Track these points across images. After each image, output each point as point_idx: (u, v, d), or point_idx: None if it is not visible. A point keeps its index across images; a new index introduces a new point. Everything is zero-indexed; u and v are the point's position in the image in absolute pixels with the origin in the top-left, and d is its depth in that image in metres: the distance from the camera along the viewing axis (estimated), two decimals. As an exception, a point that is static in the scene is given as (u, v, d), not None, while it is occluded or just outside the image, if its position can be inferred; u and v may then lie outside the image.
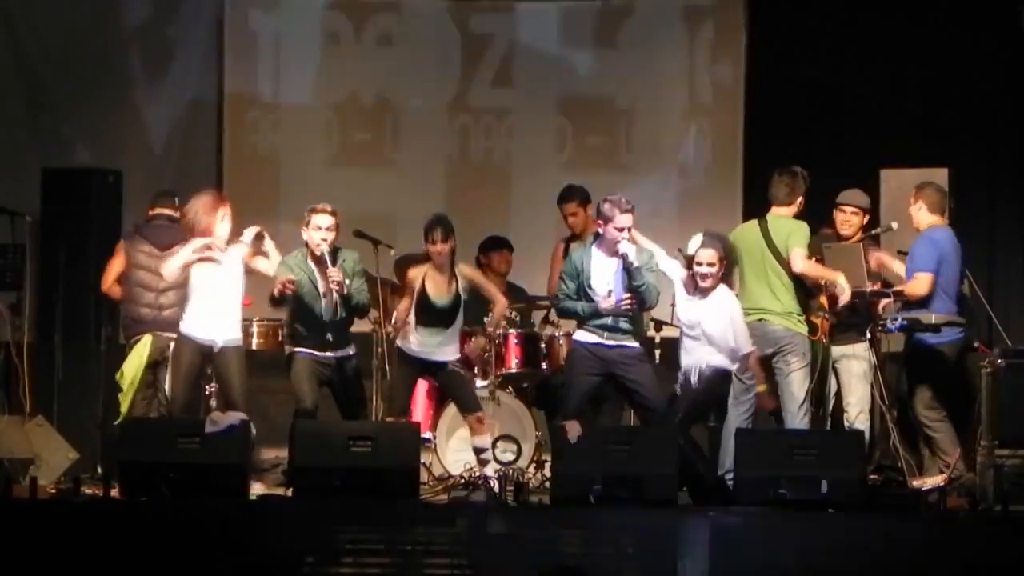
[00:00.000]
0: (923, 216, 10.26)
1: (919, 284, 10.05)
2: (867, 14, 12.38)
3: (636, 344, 9.80)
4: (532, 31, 12.92)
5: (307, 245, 9.92)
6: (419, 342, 10.04)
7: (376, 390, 10.78)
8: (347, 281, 9.86)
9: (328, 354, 9.95)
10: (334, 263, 9.86)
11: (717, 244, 9.70)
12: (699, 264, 9.67)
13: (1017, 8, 12.16)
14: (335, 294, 9.83)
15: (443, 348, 10.08)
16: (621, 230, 9.64)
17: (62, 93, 12.58)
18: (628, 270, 9.61)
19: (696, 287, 9.71)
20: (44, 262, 11.38)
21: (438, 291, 10.02)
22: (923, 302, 10.08)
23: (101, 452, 10.64)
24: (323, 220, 9.86)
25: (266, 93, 12.89)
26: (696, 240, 9.75)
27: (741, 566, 8.74)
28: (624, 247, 9.61)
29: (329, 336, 9.94)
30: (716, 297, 9.70)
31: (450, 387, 10.29)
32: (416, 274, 10.04)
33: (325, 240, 9.84)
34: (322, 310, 9.90)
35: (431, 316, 10.00)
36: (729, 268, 9.75)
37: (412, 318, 10.04)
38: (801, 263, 9.98)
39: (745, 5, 12.74)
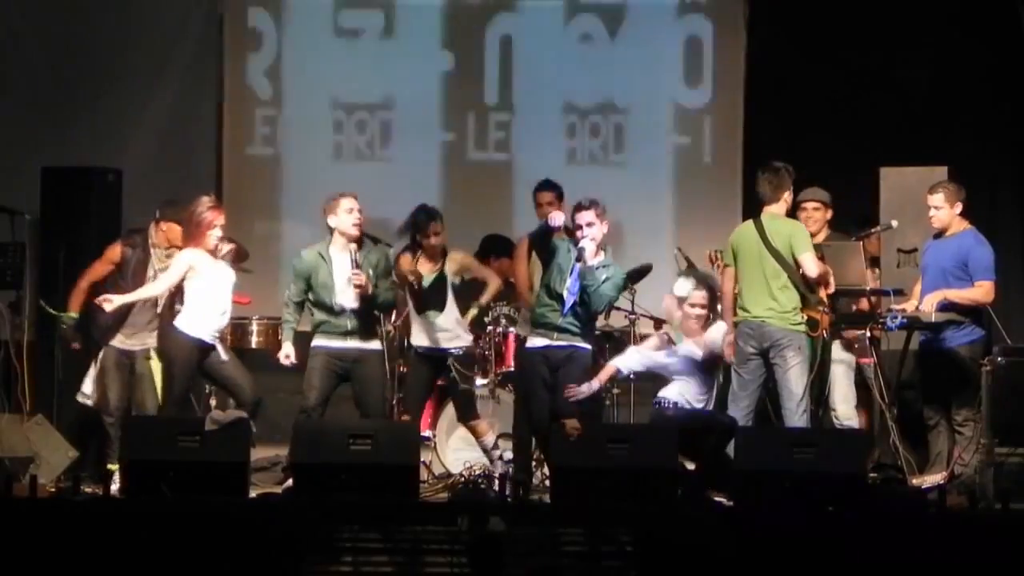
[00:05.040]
0: (959, 219, 10.25)
1: (985, 292, 10.08)
2: (867, 14, 12.37)
3: (586, 345, 9.88)
4: (532, 29, 12.91)
5: (333, 232, 9.96)
6: (422, 331, 10.13)
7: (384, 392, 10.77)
8: (371, 276, 9.94)
9: (349, 345, 9.96)
10: (359, 256, 9.95)
11: (705, 285, 10.04)
12: (693, 306, 9.98)
13: (1017, 8, 12.15)
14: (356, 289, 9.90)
15: (446, 334, 10.12)
16: (580, 227, 9.80)
17: (62, 92, 12.58)
18: (581, 267, 9.71)
19: (690, 328, 9.99)
20: (44, 261, 11.37)
21: (424, 272, 10.11)
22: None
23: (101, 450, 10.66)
24: (352, 203, 9.93)
25: (265, 92, 12.88)
26: (685, 283, 10.01)
27: (740, 563, 8.75)
28: (584, 244, 9.74)
29: (349, 325, 9.96)
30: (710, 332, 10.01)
31: (452, 391, 10.37)
32: (412, 265, 10.07)
33: (358, 224, 9.93)
34: (341, 300, 9.94)
35: (422, 299, 10.09)
36: (713, 304, 10.03)
37: (411, 308, 10.19)
38: (814, 267, 9.99)
39: (745, 5, 12.75)
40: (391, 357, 10.37)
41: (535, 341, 9.91)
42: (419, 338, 10.24)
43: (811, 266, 9.97)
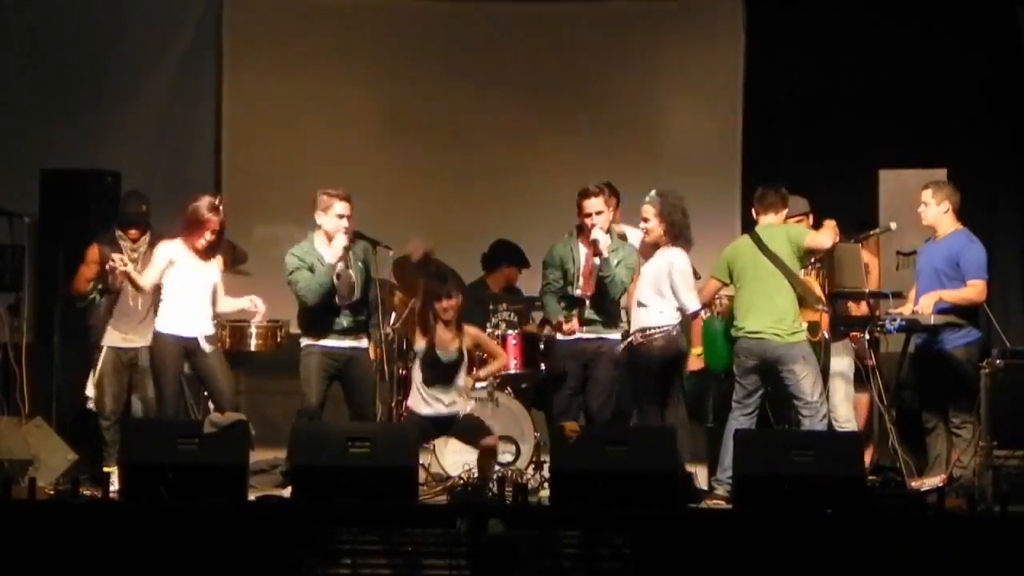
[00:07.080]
0: (948, 218, 10.24)
1: (978, 292, 10.08)
2: (866, 14, 12.38)
3: (615, 336, 9.90)
4: (531, 32, 12.92)
5: (320, 229, 9.96)
6: (428, 401, 9.99)
7: (375, 391, 10.77)
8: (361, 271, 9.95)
9: (343, 344, 9.95)
10: (348, 251, 9.94)
11: (656, 200, 9.80)
12: (643, 219, 9.82)
13: (1015, 9, 12.15)
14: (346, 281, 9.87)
15: (451, 403, 10.02)
16: (589, 215, 9.81)
17: (60, 94, 12.58)
18: (597, 258, 9.70)
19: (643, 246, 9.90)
20: (42, 263, 11.39)
21: (443, 344, 9.95)
22: None
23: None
24: (345, 208, 9.91)
25: (264, 93, 12.88)
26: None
27: (739, 565, 8.75)
28: (596, 233, 9.72)
29: (344, 323, 9.94)
30: (662, 253, 9.78)
31: (465, 435, 10.19)
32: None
33: (345, 231, 9.86)
34: (337, 298, 9.90)
35: (435, 372, 9.94)
36: (676, 228, 9.79)
37: (418, 376, 10.01)
38: (825, 238, 9.99)
39: (745, 5, 12.75)
40: (391, 359, 10.37)
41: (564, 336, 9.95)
42: (421, 405, 10.01)
43: (821, 239, 9.98)
